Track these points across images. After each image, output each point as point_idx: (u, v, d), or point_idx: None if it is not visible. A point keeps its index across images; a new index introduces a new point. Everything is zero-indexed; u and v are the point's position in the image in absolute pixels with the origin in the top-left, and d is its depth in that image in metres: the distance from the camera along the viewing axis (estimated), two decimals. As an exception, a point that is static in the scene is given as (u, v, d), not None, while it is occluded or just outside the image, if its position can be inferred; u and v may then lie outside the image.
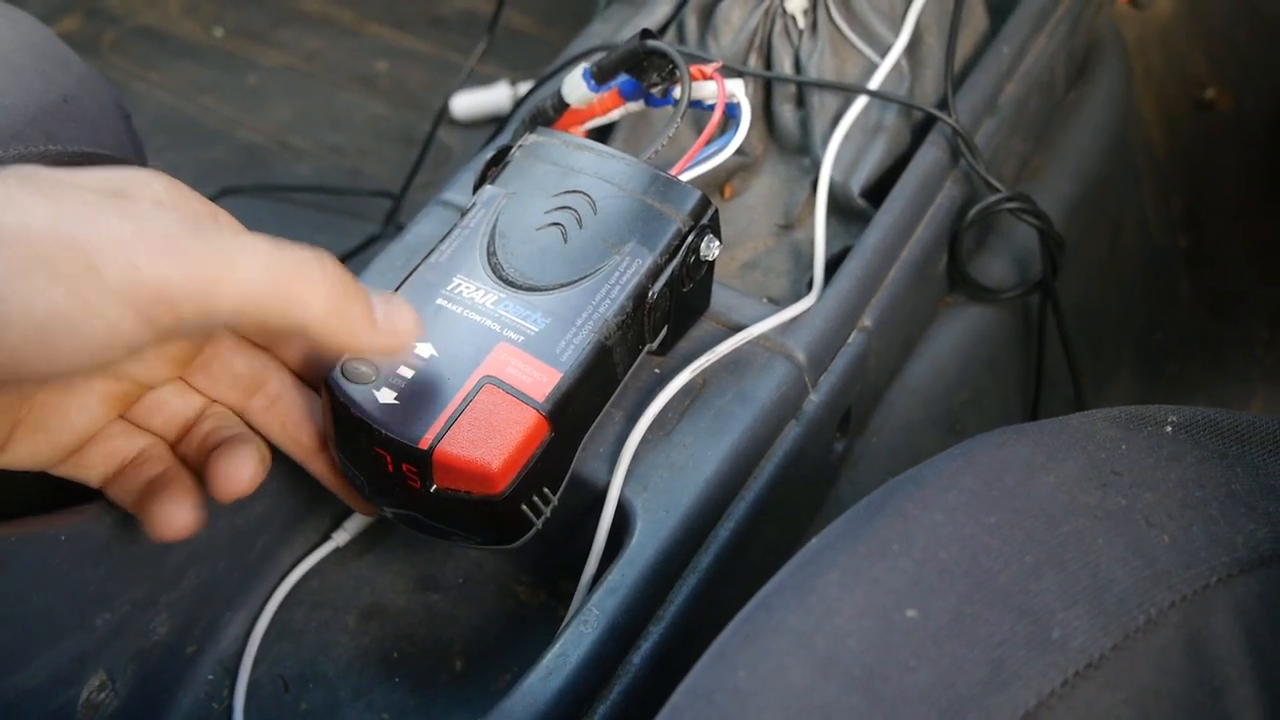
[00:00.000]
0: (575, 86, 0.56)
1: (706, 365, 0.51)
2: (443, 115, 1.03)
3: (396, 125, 1.12)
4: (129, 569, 0.45)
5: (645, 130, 0.62)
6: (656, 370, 0.52)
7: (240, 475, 0.42)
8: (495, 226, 0.48)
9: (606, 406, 0.48)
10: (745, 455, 0.50)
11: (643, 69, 0.54)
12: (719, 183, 0.63)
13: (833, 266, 0.56)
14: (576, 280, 0.46)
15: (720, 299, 0.54)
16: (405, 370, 0.43)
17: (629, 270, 0.46)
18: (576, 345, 0.44)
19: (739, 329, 0.53)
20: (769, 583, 0.35)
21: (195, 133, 1.11)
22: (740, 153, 0.63)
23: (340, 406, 0.43)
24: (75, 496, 0.44)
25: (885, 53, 0.63)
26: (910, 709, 0.30)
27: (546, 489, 0.45)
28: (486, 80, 1.11)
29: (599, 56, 0.55)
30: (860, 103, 0.61)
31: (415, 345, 0.44)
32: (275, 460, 0.47)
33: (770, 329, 0.53)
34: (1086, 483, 0.35)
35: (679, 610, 0.46)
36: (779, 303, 0.56)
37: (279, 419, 0.46)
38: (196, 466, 0.44)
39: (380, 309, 0.39)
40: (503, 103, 1.09)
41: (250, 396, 0.46)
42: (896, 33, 0.63)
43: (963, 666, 0.30)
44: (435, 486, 0.43)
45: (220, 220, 0.41)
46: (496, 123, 1.05)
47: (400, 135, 1.11)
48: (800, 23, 0.64)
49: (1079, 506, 0.34)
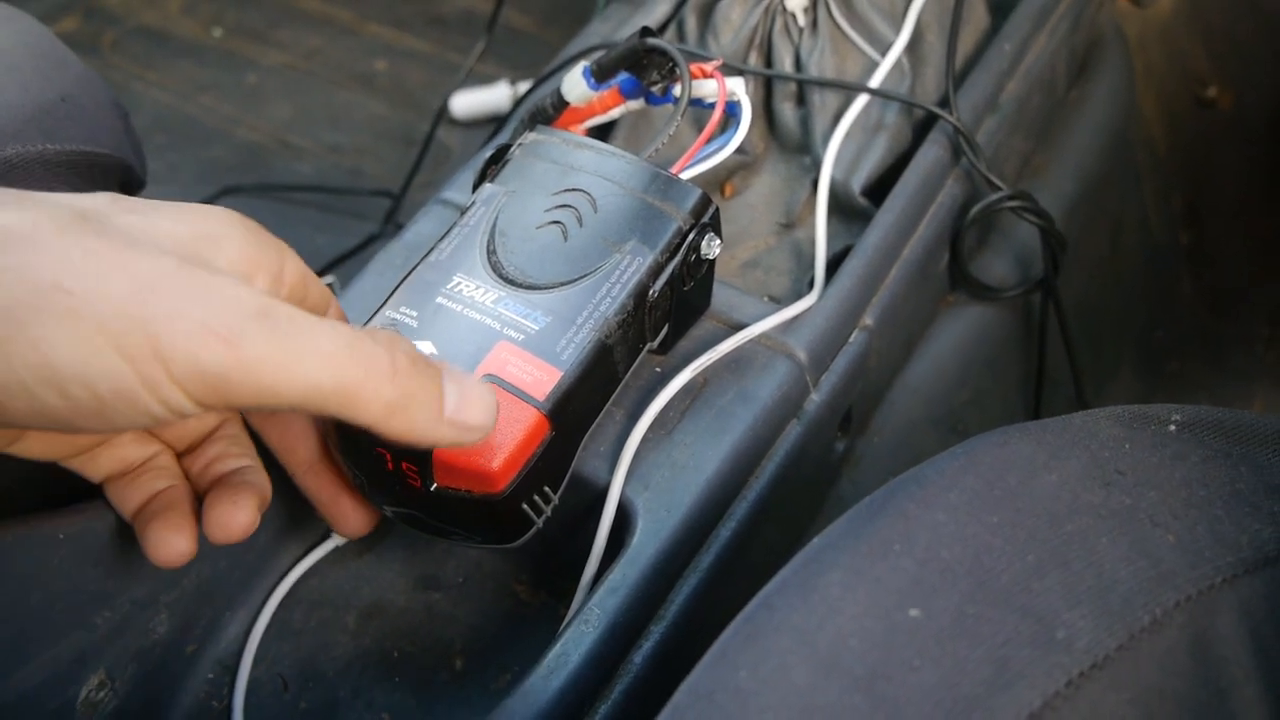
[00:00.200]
0: (575, 84, 0.55)
1: (707, 364, 0.51)
2: (442, 114, 1.02)
3: (396, 124, 1.12)
4: (128, 568, 0.45)
5: (645, 129, 0.62)
6: (657, 369, 0.51)
7: (236, 522, 0.42)
8: (495, 225, 0.47)
9: (607, 405, 0.48)
10: (746, 454, 0.50)
11: (643, 67, 0.54)
12: (719, 181, 0.63)
13: (833, 265, 0.56)
14: (577, 279, 0.46)
15: (721, 298, 0.54)
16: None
17: (630, 269, 0.46)
18: (577, 344, 0.44)
19: (740, 328, 0.52)
20: (771, 582, 0.35)
21: (195, 132, 1.11)
22: (740, 151, 0.62)
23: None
24: (75, 495, 0.44)
25: (886, 51, 0.63)
26: (914, 709, 0.30)
27: (547, 488, 0.45)
28: (486, 80, 1.11)
29: (599, 54, 0.55)
30: (861, 101, 0.61)
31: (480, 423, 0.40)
32: (275, 460, 0.47)
33: (771, 328, 0.52)
34: (1090, 482, 0.35)
35: (680, 610, 0.46)
36: (780, 301, 0.56)
37: (278, 428, 0.46)
38: (199, 488, 0.44)
39: (452, 398, 0.38)
40: (502, 102, 1.09)
41: None
42: (897, 31, 0.63)
43: (966, 667, 0.30)
44: (435, 485, 0.43)
45: (289, 274, 0.40)
46: (495, 122, 1.05)
47: (399, 134, 1.11)
48: (800, 20, 0.63)
49: (1082, 506, 0.34)
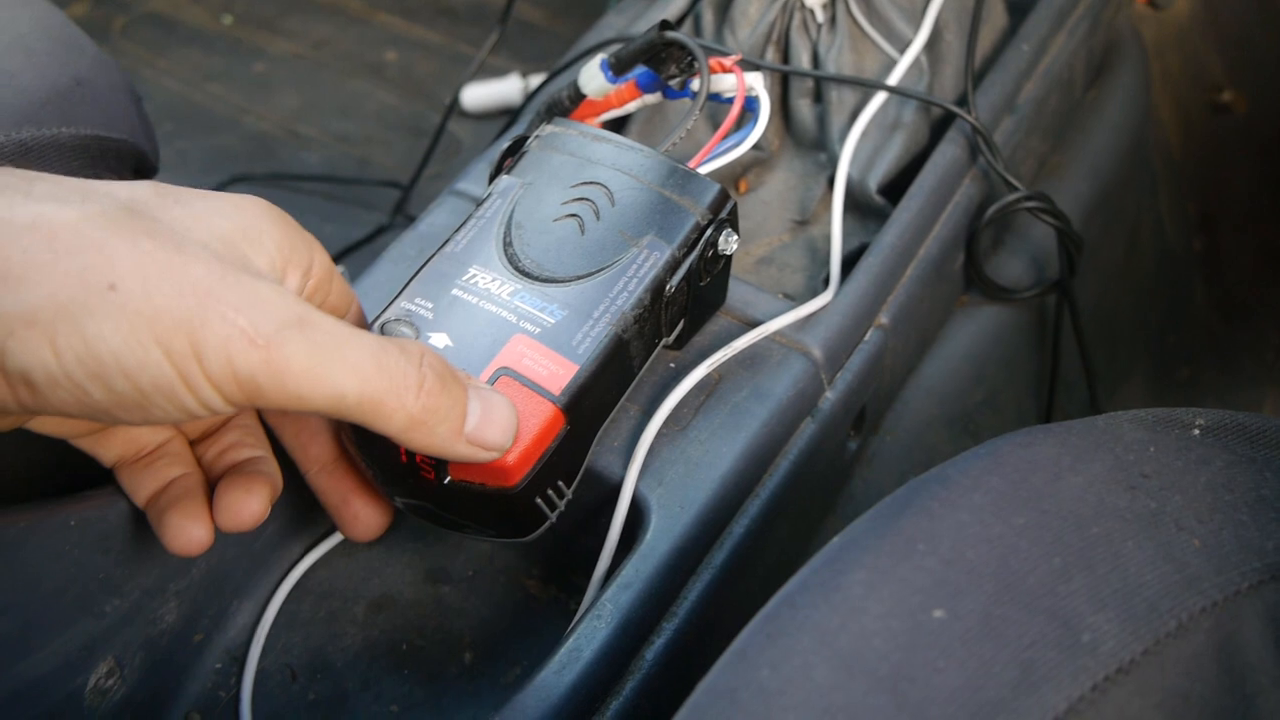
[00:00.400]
0: (593, 77, 0.55)
1: (722, 360, 0.50)
2: (454, 106, 1.02)
3: (405, 115, 1.12)
4: (138, 556, 0.45)
5: (660, 124, 0.62)
6: (672, 365, 0.51)
7: (248, 510, 0.42)
8: (512, 217, 0.47)
9: (622, 400, 0.48)
10: (761, 452, 0.49)
11: (661, 61, 0.54)
12: (734, 177, 0.63)
13: (848, 263, 0.56)
14: (594, 272, 0.45)
15: (736, 294, 0.53)
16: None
17: (647, 263, 0.46)
18: (593, 338, 0.44)
19: (755, 324, 0.52)
20: (792, 580, 0.34)
21: (204, 120, 1.11)
22: (756, 147, 0.62)
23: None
24: (86, 482, 0.44)
25: (904, 49, 0.62)
26: (938, 710, 0.29)
27: (561, 482, 0.44)
28: (497, 72, 1.10)
29: (617, 47, 0.55)
30: (879, 99, 0.61)
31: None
32: (286, 455, 0.47)
33: (787, 325, 0.52)
34: (1115, 485, 0.35)
35: (693, 607, 0.46)
36: (794, 299, 0.56)
37: (294, 425, 0.46)
38: (211, 475, 0.44)
39: (474, 417, 0.39)
40: (513, 95, 1.08)
41: None
42: (916, 29, 0.63)
43: (991, 669, 0.30)
44: (449, 478, 0.42)
45: (317, 268, 0.41)
46: (506, 115, 1.05)
47: (409, 125, 1.10)
48: (819, 17, 0.63)
49: (1108, 509, 0.34)
